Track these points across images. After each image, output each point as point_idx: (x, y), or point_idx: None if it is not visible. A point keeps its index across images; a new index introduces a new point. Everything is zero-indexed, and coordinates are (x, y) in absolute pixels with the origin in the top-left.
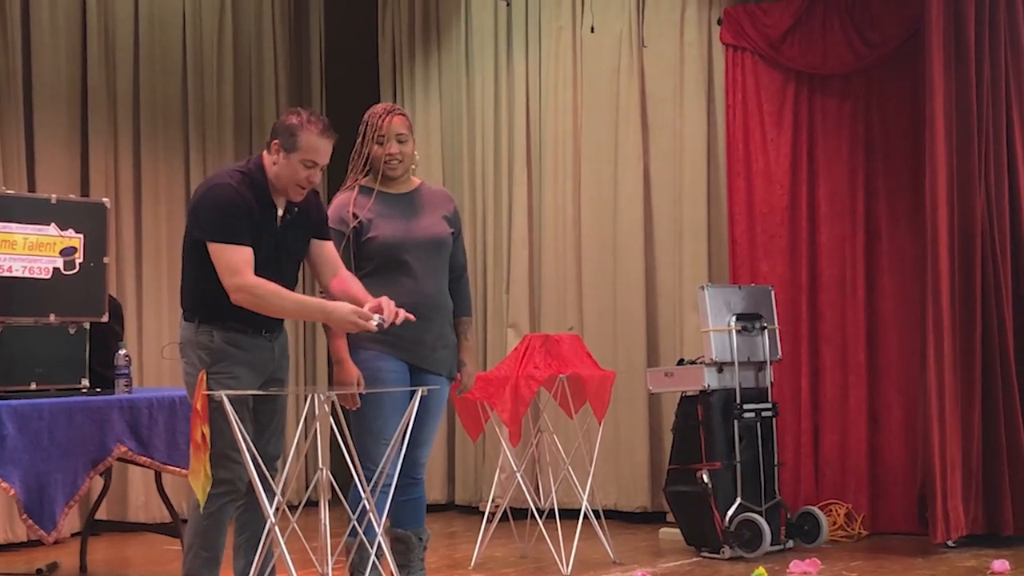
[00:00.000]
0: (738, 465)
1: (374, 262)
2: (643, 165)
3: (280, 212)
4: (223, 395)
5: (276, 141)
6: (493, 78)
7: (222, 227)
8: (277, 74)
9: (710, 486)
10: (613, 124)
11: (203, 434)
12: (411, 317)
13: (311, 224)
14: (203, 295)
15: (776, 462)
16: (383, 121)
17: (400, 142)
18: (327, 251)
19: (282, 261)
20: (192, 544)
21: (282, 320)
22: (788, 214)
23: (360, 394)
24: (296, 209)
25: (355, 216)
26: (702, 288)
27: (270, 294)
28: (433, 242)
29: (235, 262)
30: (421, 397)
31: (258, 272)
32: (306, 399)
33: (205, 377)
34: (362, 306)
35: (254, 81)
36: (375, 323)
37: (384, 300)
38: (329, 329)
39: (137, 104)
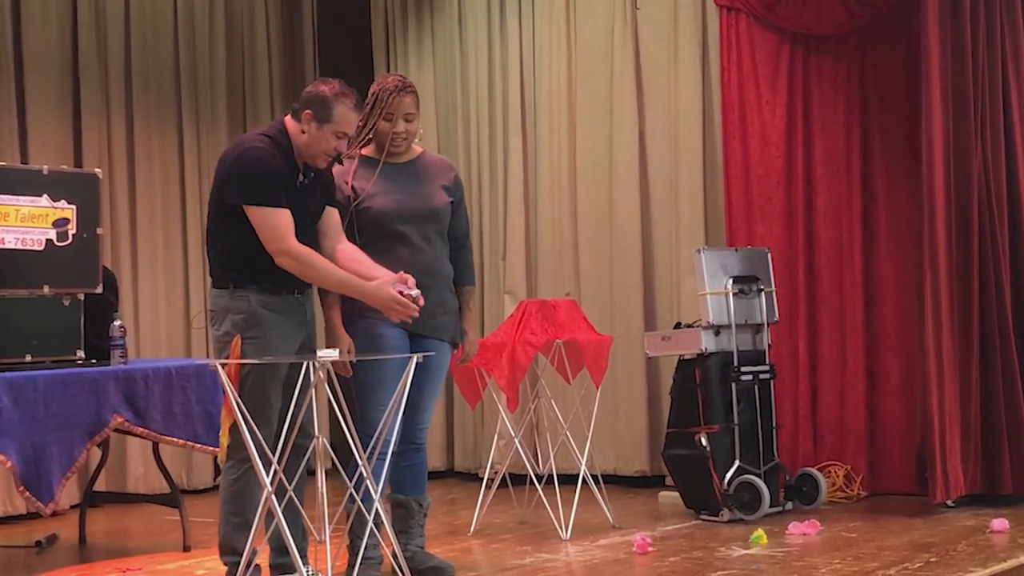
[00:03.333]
0: (736, 428)
1: (370, 231)
2: (638, 128)
3: (300, 176)
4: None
5: (309, 111)
6: (487, 42)
7: (262, 190)
8: (269, 40)
9: (708, 449)
10: (608, 87)
11: (235, 400)
12: (420, 301)
13: (325, 189)
14: (238, 260)
15: (774, 424)
16: (393, 99)
17: (407, 121)
18: (333, 218)
19: (304, 225)
20: (223, 511)
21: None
22: (784, 176)
23: (356, 361)
24: (312, 173)
25: (352, 188)
26: (698, 251)
27: (317, 264)
28: (429, 213)
29: (279, 226)
30: (423, 362)
31: None
32: (297, 366)
33: (240, 342)
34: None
35: (246, 47)
36: (415, 303)
37: (403, 275)
38: (326, 295)
39: (129, 72)
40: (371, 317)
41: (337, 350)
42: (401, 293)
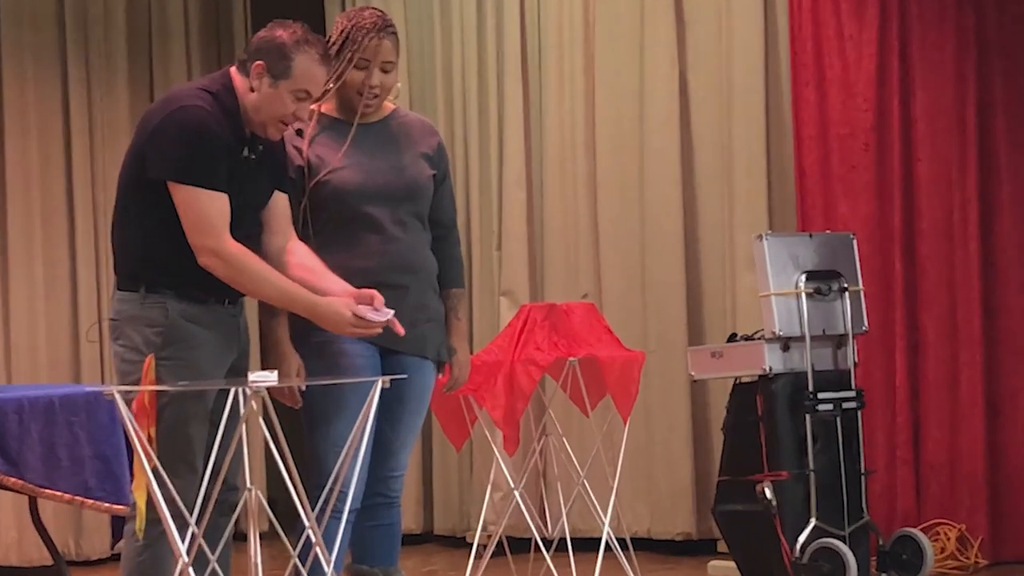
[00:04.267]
0: (811, 474)
1: (327, 215)
2: (678, 73)
3: (246, 150)
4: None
5: (260, 63)
6: None
7: (198, 165)
8: None
9: (774, 504)
10: (637, 19)
11: (150, 437)
12: (399, 330)
13: (275, 167)
14: (154, 254)
15: (863, 470)
16: (370, 41)
17: (384, 71)
18: (282, 206)
19: (245, 213)
20: None
21: None
22: (875, 136)
23: (303, 390)
24: (261, 147)
25: (308, 160)
26: (760, 238)
27: (253, 270)
28: (406, 189)
29: (210, 215)
30: (397, 387)
31: None
32: (223, 394)
33: (153, 363)
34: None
35: None
36: (378, 323)
37: (369, 293)
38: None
39: None
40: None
41: (275, 372)
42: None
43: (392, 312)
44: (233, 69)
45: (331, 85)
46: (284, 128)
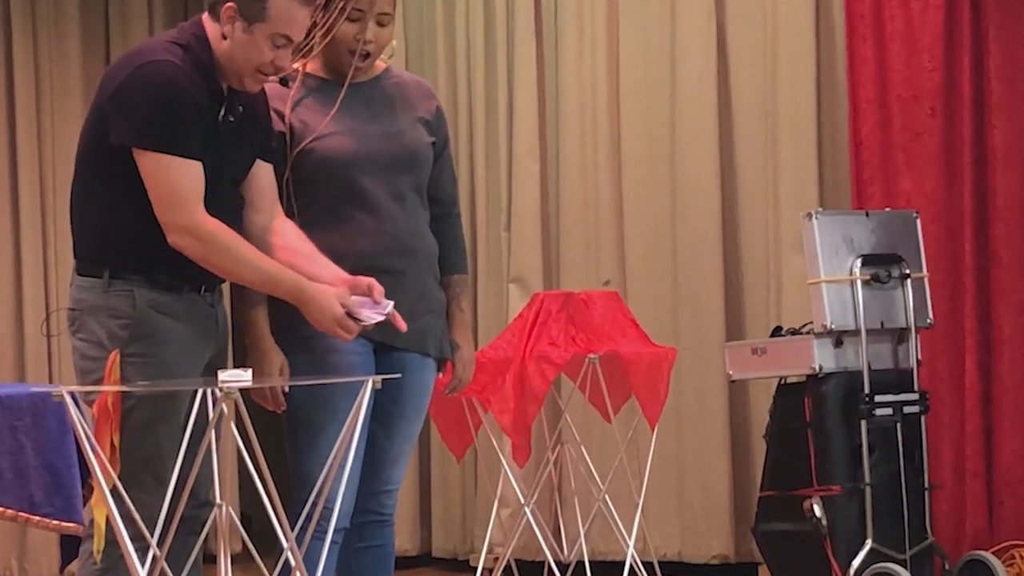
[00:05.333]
0: (867, 489)
1: (314, 187)
2: (715, 26)
3: (223, 110)
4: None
5: (231, 4)
6: None
7: (165, 128)
8: None
9: (825, 523)
10: None
11: (113, 444)
12: (401, 325)
13: (258, 132)
14: (118, 234)
15: (927, 484)
16: None
17: (381, 24)
18: (266, 178)
19: (222, 185)
20: None
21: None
22: (942, 99)
23: (286, 391)
24: (241, 107)
25: (291, 125)
26: (809, 216)
27: (232, 249)
28: (405, 157)
29: (181, 186)
30: (393, 387)
31: None
32: (193, 396)
33: (118, 359)
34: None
35: None
36: (369, 321)
37: (365, 281)
38: (243, 289)
39: None
40: None
41: (250, 371)
42: (355, 318)
43: (392, 304)
44: (205, 16)
45: (318, 39)
46: (264, 79)
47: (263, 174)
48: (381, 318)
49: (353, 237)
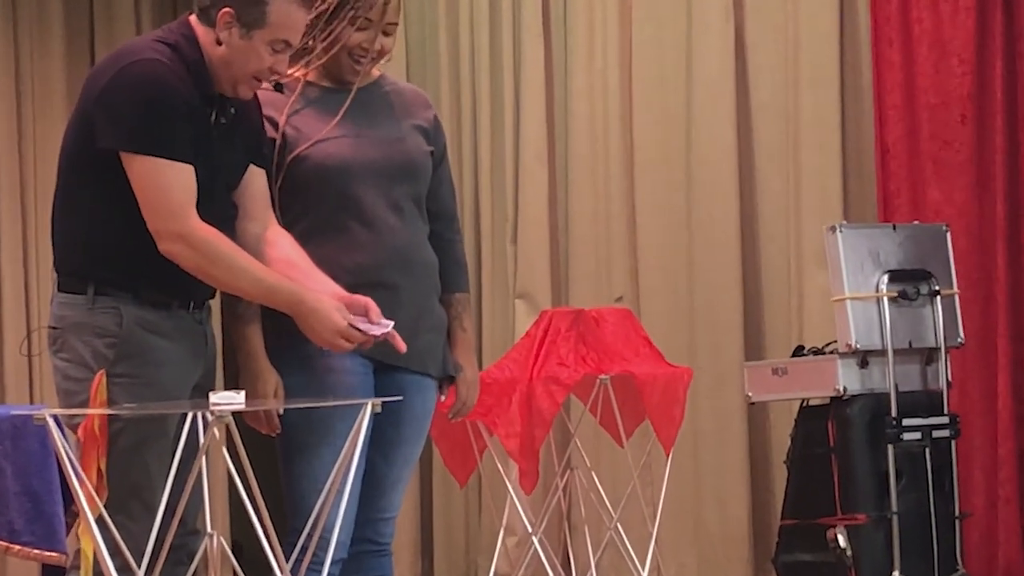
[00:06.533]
0: (895, 518)
1: (307, 196)
2: (733, 26)
3: (214, 114)
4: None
5: (228, 10)
6: None
7: (155, 130)
8: None
9: (849, 553)
10: None
11: (100, 470)
12: (400, 346)
13: (251, 135)
14: (104, 246)
15: (957, 512)
16: None
17: (386, 34)
18: (259, 185)
19: (214, 192)
20: None
21: (211, 287)
22: (973, 106)
23: (281, 413)
24: (233, 110)
25: (284, 134)
26: (833, 229)
27: (228, 257)
28: (403, 165)
29: (173, 191)
30: (392, 409)
31: None
32: (183, 420)
33: (104, 380)
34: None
35: None
36: (374, 333)
37: (366, 302)
38: (237, 305)
39: None
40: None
41: (242, 393)
42: (357, 330)
43: (392, 324)
44: (193, 18)
45: (319, 46)
46: (258, 85)
47: (256, 180)
48: (386, 330)
49: (349, 249)
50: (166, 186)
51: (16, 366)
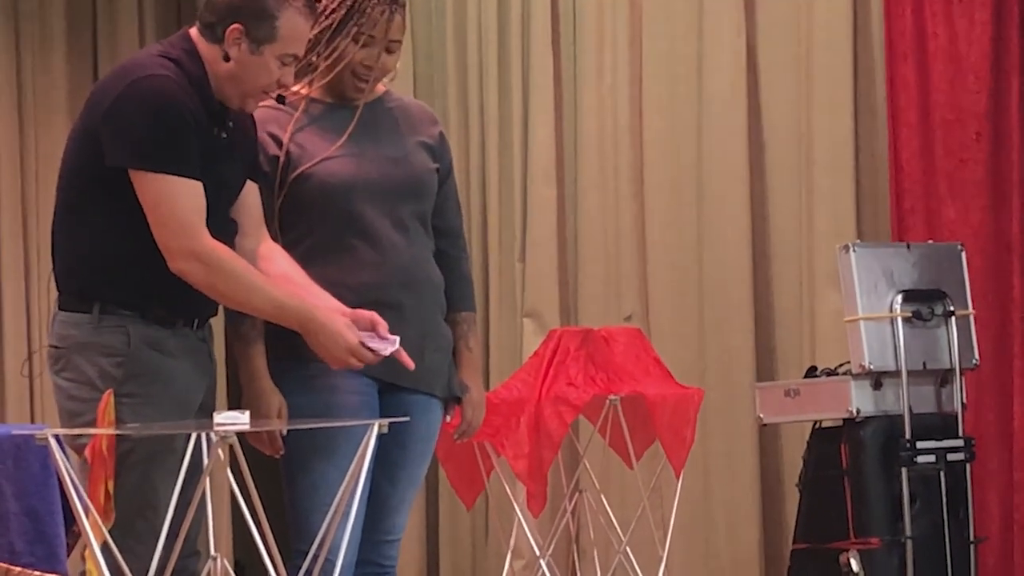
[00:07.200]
0: (908, 542)
1: (310, 215)
2: (745, 42)
3: (216, 128)
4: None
5: (238, 26)
6: None
7: (167, 148)
8: None
9: None
10: None
11: (107, 491)
12: (408, 363)
13: (249, 149)
14: (111, 264)
15: (972, 537)
16: (381, 16)
17: (389, 52)
18: (253, 201)
19: (218, 207)
20: None
21: (215, 303)
22: (989, 123)
23: (284, 434)
24: (231, 122)
25: (288, 151)
26: (846, 248)
27: (240, 276)
28: (408, 182)
29: (185, 208)
30: (398, 430)
31: None
32: (187, 439)
33: (112, 400)
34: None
35: None
36: (385, 352)
37: (372, 316)
38: (240, 325)
39: None
40: (319, 361)
41: (247, 413)
42: (367, 347)
43: (398, 339)
44: (194, 32)
45: (322, 64)
46: (264, 98)
47: (250, 195)
48: (394, 348)
49: (353, 269)
50: (177, 204)
51: (17, 385)
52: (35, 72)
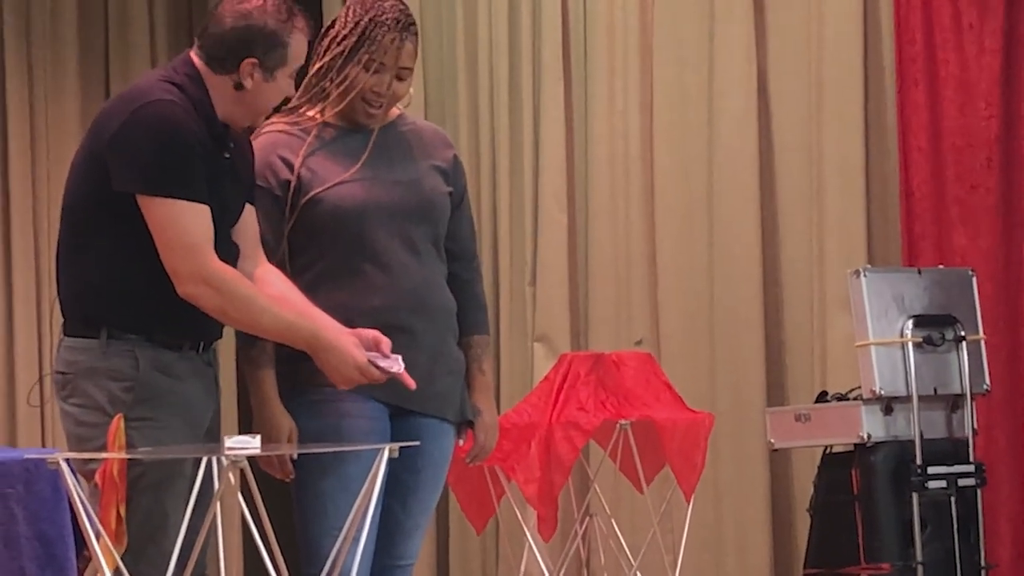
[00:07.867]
0: (919, 568)
1: (320, 239)
2: (756, 69)
3: (219, 151)
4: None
5: (253, 60)
6: None
7: (174, 172)
8: None
9: None
10: (706, 1)
11: (119, 515)
12: (409, 383)
13: (247, 171)
14: (117, 288)
15: (983, 563)
16: (391, 42)
17: (400, 79)
18: (250, 223)
19: (223, 227)
20: None
21: (220, 326)
22: (999, 149)
23: (295, 458)
24: (232, 143)
25: (299, 175)
26: (857, 273)
27: (249, 299)
28: (421, 206)
29: (194, 232)
30: (410, 455)
31: None
32: (197, 463)
33: (122, 425)
34: None
35: None
36: (394, 370)
37: (376, 335)
38: (250, 348)
39: None
40: (329, 384)
41: (258, 437)
42: (376, 366)
43: (400, 358)
44: (195, 55)
45: (334, 91)
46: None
47: (248, 217)
48: (400, 368)
49: (363, 293)
50: (186, 228)
51: (28, 411)
52: (48, 97)
